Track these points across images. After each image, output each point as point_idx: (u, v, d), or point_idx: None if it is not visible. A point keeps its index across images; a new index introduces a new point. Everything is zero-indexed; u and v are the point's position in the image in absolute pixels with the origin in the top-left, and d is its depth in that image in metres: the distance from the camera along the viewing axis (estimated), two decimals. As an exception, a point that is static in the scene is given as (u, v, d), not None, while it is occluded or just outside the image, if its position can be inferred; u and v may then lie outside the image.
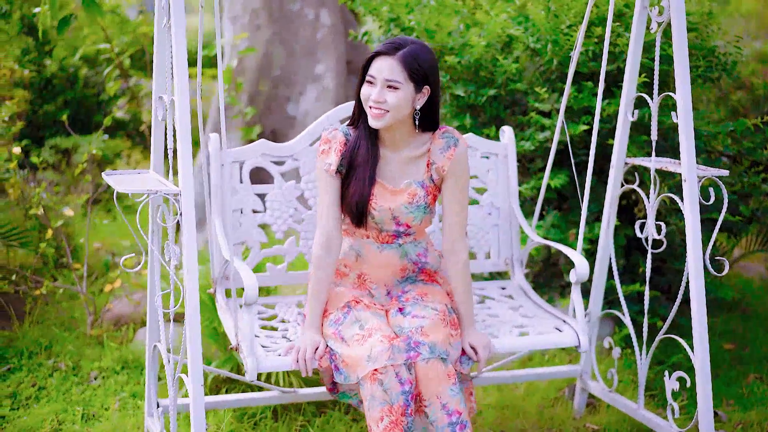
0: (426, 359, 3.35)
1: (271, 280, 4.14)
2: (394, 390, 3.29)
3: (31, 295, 5.41)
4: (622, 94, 4.06)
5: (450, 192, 3.65)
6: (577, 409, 4.47)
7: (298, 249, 4.13)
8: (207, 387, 4.44)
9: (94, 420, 4.32)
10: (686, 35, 3.67)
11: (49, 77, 8.03)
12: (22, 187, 5.63)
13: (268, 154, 4.07)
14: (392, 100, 3.48)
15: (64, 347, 5.02)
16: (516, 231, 4.33)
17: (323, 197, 3.64)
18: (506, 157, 4.32)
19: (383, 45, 3.51)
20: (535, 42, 4.75)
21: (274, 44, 6.79)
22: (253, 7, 6.80)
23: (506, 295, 4.31)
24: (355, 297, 3.63)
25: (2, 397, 4.53)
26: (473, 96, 4.86)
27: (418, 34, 4.91)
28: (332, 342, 3.50)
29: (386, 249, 3.69)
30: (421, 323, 3.46)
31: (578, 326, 3.85)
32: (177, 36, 3.26)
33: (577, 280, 3.86)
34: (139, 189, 3.28)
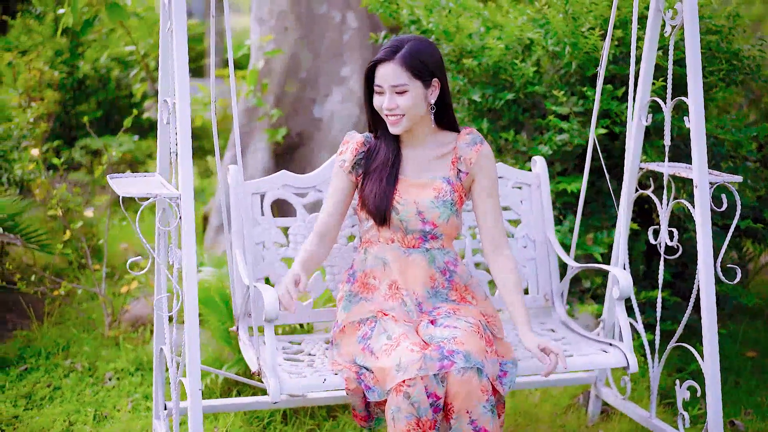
0: (461, 369, 3.17)
1: (296, 318, 3.96)
2: (423, 404, 3.14)
3: (50, 296, 5.45)
4: (636, 98, 4.01)
5: (482, 192, 3.60)
6: (591, 416, 4.42)
7: (325, 284, 3.97)
8: (218, 389, 4.44)
9: (105, 421, 4.34)
10: (699, 39, 3.62)
11: (82, 78, 8.11)
12: (48, 187, 5.67)
13: (290, 186, 3.94)
14: (404, 103, 3.45)
15: (81, 348, 5.06)
16: (554, 264, 4.19)
17: (330, 191, 3.64)
18: (539, 187, 4.21)
19: (381, 51, 3.46)
20: (554, 45, 4.70)
21: (301, 46, 6.79)
22: (280, 10, 6.80)
23: (547, 328, 4.12)
24: (382, 309, 3.49)
25: (18, 396, 4.57)
26: (491, 100, 4.82)
27: (437, 37, 4.88)
28: (361, 358, 3.38)
29: (413, 253, 3.56)
30: (454, 333, 3.29)
31: (625, 346, 3.69)
32: (178, 39, 3.26)
33: (620, 295, 3.71)
34: (138, 193, 3.29)
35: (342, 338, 3.53)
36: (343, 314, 3.59)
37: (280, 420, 4.29)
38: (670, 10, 3.72)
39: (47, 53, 7.76)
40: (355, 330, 3.49)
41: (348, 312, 3.57)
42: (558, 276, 4.20)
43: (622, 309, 3.75)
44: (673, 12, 3.71)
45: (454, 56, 4.90)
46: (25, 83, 6.52)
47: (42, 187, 5.61)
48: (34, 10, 8.31)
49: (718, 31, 4.67)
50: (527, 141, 4.85)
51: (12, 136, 5.89)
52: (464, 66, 4.84)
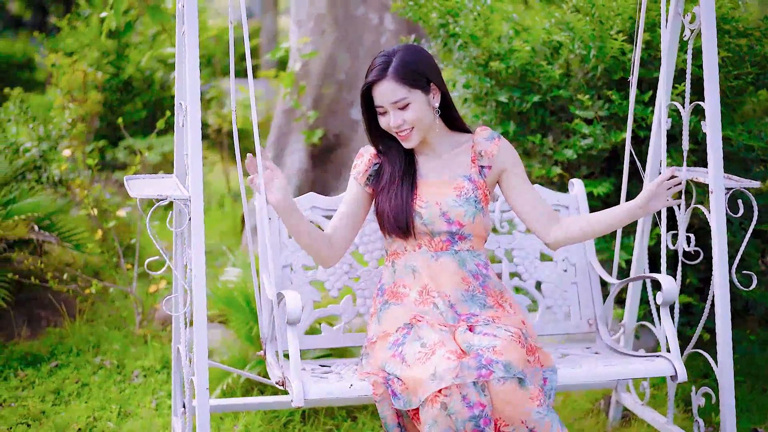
0: (500, 379, 3.02)
1: (326, 342, 3.89)
2: (461, 416, 2.96)
3: (82, 294, 5.55)
4: (656, 102, 3.99)
5: (515, 183, 3.55)
6: (612, 421, 4.40)
7: (356, 309, 3.90)
8: (239, 388, 4.49)
9: (128, 418, 4.42)
10: (716, 42, 3.60)
11: (127, 80, 8.24)
12: (87, 187, 5.77)
13: (318, 207, 3.90)
14: (411, 116, 3.40)
15: (111, 346, 5.15)
16: (597, 287, 4.10)
17: (342, 203, 3.59)
18: (578, 209, 4.16)
19: (372, 72, 3.40)
20: (579, 48, 4.68)
21: (339, 48, 6.84)
22: (318, 12, 6.86)
23: (593, 352, 3.96)
24: (416, 315, 3.37)
25: (46, 392, 4.66)
26: (518, 102, 4.82)
27: (464, 40, 4.89)
28: (391, 365, 3.22)
29: (441, 256, 3.46)
30: (493, 342, 3.13)
31: (672, 355, 3.59)
32: (190, 42, 3.31)
33: (664, 301, 3.64)
34: (148, 194, 3.34)
35: (372, 349, 3.41)
36: (377, 326, 3.48)
37: (299, 419, 4.33)
38: (689, 14, 3.70)
39: (93, 55, 7.89)
40: (386, 337, 3.36)
41: (380, 323, 3.46)
42: (601, 299, 4.11)
43: (667, 316, 3.67)
44: (692, 16, 3.69)
45: (482, 59, 4.90)
46: (68, 84, 6.63)
47: (81, 187, 5.71)
48: (82, 12, 8.46)
49: (749, 33, 4.62)
50: (553, 144, 4.84)
51: (51, 136, 6.00)
52: (491, 69, 4.84)
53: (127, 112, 8.18)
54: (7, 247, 5.41)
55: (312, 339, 3.87)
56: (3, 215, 5.30)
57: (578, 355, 3.86)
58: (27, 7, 22.20)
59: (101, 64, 8.00)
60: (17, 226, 5.23)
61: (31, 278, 5.38)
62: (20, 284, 5.52)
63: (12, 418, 4.36)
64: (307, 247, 3.48)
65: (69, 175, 5.86)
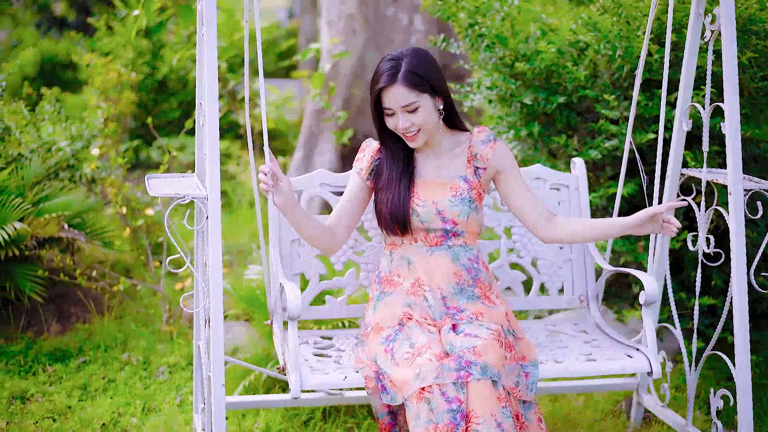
0: (477, 379, 3.24)
1: (330, 313, 4.07)
2: (440, 408, 3.19)
3: (110, 291, 5.62)
4: (677, 103, 3.98)
5: (510, 184, 3.68)
6: (634, 423, 4.39)
7: (359, 281, 4.07)
8: (260, 386, 4.53)
9: (152, 413, 4.47)
10: (736, 44, 3.59)
11: (162, 79, 8.31)
12: (119, 186, 5.84)
13: (327, 184, 4.04)
14: (419, 119, 3.51)
15: (138, 342, 5.21)
16: (591, 265, 4.22)
17: (344, 195, 3.74)
18: (578, 189, 4.25)
19: (382, 77, 3.48)
20: (606, 48, 4.67)
21: (369, 49, 6.87)
22: (348, 13, 6.89)
23: (580, 330, 4.18)
24: (407, 313, 3.56)
25: (74, 387, 4.73)
26: (543, 104, 4.82)
27: (490, 41, 4.89)
28: (382, 360, 3.43)
29: (436, 251, 3.63)
30: (473, 342, 3.34)
31: (650, 352, 3.72)
32: (208, 43, 3.35)
33: (646, 300, 3.73)
34: (166, 193, 3.39)
35: (367, 338, 3.60)
36: (372, 315, 3.66)
37: (320, 417, 4.36)
38: (710, 15, 3.69)
39: (128, 55, 7.96)
40: (380, 331, 3.55)
41: (375, 312, 3.64)
42: (594, 278, 4.22)
43: (647, 314, 3.76)
44: (712, 17, 3.68)
45: (509, 60, 4.90)
46: (102, 84, 6.71)
47: (113, 186, 5.78)
48: (118, 13, 8.55)
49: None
50: (578, 145, 4.84)
51: (83, 135, 6.08)
52: (517, 70, 4.84)
53: (162, 112, 8.25)
54: (37, 245, 5.49)
55: (317, 309, 4.05)
56: (34, 213, 5.39)
57: (566, 335, 4.10)
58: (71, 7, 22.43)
59: (136, 64, 8.07)
60: (48, 224, 5.31)
61: (60, 275, 5.46)
62: (51, 281, 5.61)
63: (39, 413, 4.43)
64: (310, 239, 3.66)
65: (101, 174, 5.93)
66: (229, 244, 6.74)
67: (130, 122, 7.78)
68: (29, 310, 5.46)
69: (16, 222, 5.16)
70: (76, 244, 5.86)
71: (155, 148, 8.02)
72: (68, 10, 22.69)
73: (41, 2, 22.69)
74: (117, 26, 8.42)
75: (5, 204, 5.25)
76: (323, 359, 3.75)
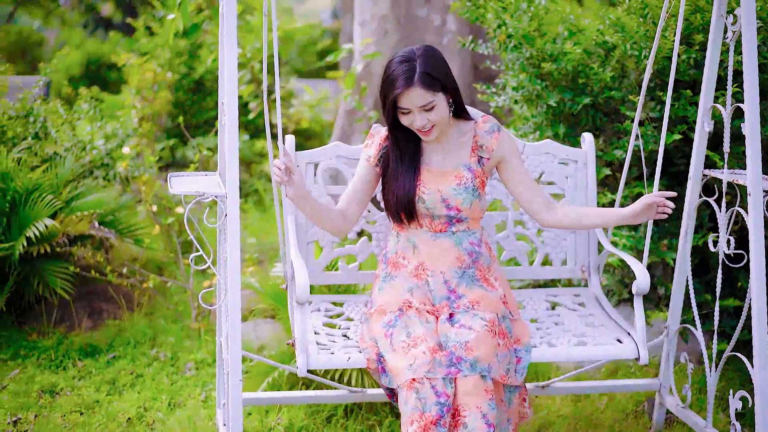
0: (466, 375, 3.40)
1: (343, 278, 4.25)
2: (429, 401, 3.34)
3: (140, 288, 5.70)
4: (699, 104, 3.97)
5: (513, 173, 3.80)
6: (656, 424, 4.38)
7: (370, 248, 4.23)
8: (284, 382, 4.58)
9: (177, 408, 4.53)
10: (756, 44, 3.58)
11: (199, 79, 8.39)
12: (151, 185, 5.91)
13: (343, 156, 4.16)
14: (435, 116, 3.61)
15: (167, 339, 5.28)
16: (594, 239, 4.31)
17: (353, 179, 3.86)
18: (585, 164, 4.32)
19: (399, 81, 3.54)
20: (631, 49, 4.67)
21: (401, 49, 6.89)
22: (381, 13, 6.92)
23: (579, 302, 4.29)
24: (407, 300, 3.68)
25: (102, 382, 4.81)
26: (569, 105, 4.82)
27: (518, 41, 4.90)
28: (382, 343, 3.58)
29: (440, 237, 3.76)
30: (467, 337, 3.49)
31: (638, 337, 3.79)
32: (228, 44, 3.40)
33: (638, 291, 3.80)
34: (186, 191, 3.45)
35: (371, 317, 3.73)
36: (378, 295, 3.80)
37: (342, 414, 4.39)
38: (731, 15, 3.69)
39: (165, 55, 8.05)
40: (382, 314, 3.67)
41: (381, 293, 3.78)
42: (596, 251, 4.31)
43: (639, 304, 3.82)
44: (734, 18, 3.68)
45: (536, 60, 4.91)
46: (138, 84, 6.80)
47: (147, 185, 5.86)
48: (157, 13, 8.65)
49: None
50: (604, 146, 4.84)
51: (117, 134, 6.17)
52: (544, 70, 4.85)
53: (198, 111, 8.33)
54: (68, 242, 5.58)
55: (331, 275, 4.23)
56: (66, 211, 5.48)
57: (565, 308, 4.22)
58: (117, 8, 22.69)
59: (173, 64, 8.16)
60: (80, 221, 5.40)
61: (92, 272, 5.55)
62: (83, 278, 5.70)
63: (67, 407, 4.51)
64: (321, 225, 3.80)
65: (134, 173, 6.01)
66: (261, 243, 6.80)
67: (167, 122, 7.87)
68: (61, 306, 5.55)
69: (47, 219, 5.25)
70: (108, 242, 5.95)
71: (191, 148, 8.09)
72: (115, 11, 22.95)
73: (88, 3, 22.93)
74: (155, 26, 8.51)
75: (37, 201, 5.34)
76: (332, 332, 3.90)
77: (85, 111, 6.49)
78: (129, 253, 6.26)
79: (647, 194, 3.69)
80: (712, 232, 4.67)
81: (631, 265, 3.88)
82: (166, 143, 7.61)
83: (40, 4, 21.98)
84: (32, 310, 5.56)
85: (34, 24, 22.08)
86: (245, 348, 4.84)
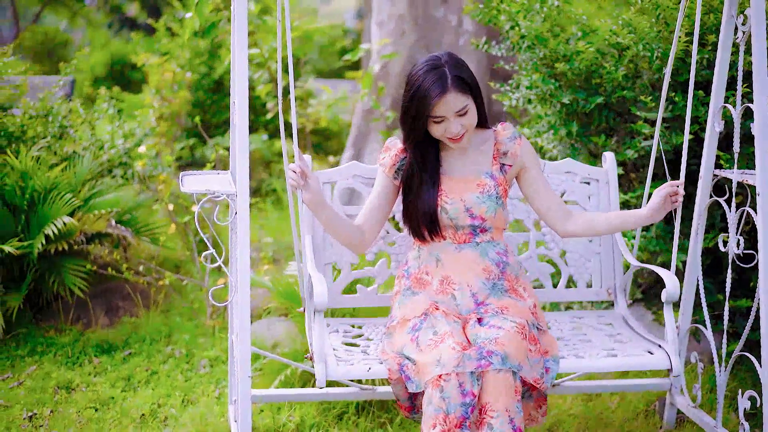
0: (497, 369, 3.30)
1: (361, 301, 4.17)
2: (454, 400, 3.25)
3: (155, 286, 5.76)
4: (710, 104, 3.98)
5: (533, 181, 3.76)
6: (667, 423, 4.39)
7: (389, 271, 4.15)
8: (297, 380, 4.61)
9: (190, 405, 4.57)
10: (765, 44, 3.58)
11: (218, 79, 8.43)
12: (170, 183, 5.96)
13: (360, 176, 4.12)
14: (468, 121, 3.58)
15: (182, 336, 5.33)
16: (619, 258, 4.25)
17: (371, 194, 3.80)
18: (608, 183, 4.28)
19: (433, 88, 3.49)
20: (644, 50, 4.67)
21: (418, 49, 6.92)
22: (398, 14, 6.95)
23: (605, 323, 4.19)
24: (433, 303, 3.62)
25: (118, 379, 4.86)
26: (581, 104, 4.83)
27: (531, 42, 4.91)
28: (407, 349, 3.49)
29: (465, 248, 3.69)
30: (496, 334, 3.40)
31: (670, 348, 3.72)
32: (239, 44, 3.43)
33: (667, 299, 3.73)
34: (196, 189, 3.49)
35: (395, 330, 3.65)
36: (398, 309, 3.72)
37: (353, 412, 4.42)
38: (742, 16, 3.70)
39: (185, 55, 8.10)
40: (405, 323, 3.61)
41: (402, 306, 3.70)
42: (622, 271, 4.26)
43: (670, 313, 3.76)
44: (744, 18, 3.68)
45: (549, 60, 4.93)
46: (157, 83, 6.85)
47: (166, 184, 5.91)
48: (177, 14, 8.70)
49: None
50: (616, 145, 4.85)
51: (135, 134, 6.22)
52: (557, 70, 4.86)
53: (218, 111, 8.38)
54: (86, 240, 5.64)
55: (349, 298, 4.15)
56: (84, 209, 5.53)
57: (591, 328, 4.11)
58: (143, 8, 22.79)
59: (193, 64, 8.21)
60: (97, 220, 5.46)
61: (108, 270, 5.61)
62: (101, 276, 5.76)
63: (82, 402, 4.56)
64: (339, 237, 3.73)
65: (152, 172, 6.07)
66: (277, 242, 6.84)
67: (187, 121, 7.91)
68: (78, 303, 5.61)
69: (65, 217, 5.31)
70: (125, 240, 6.01)
71: (210, 147, 8.15)
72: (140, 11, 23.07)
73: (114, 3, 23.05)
74: (176, 27, 8.57)
75: (56, 199, 5.39)
76: (351, 349, 3.82)
77: (104, 110, 6.55)
78: (146, 252, 6.32)
79: (658, 188, 3.68)
80: (724, 232, 4.66)
81: (662, 275, 3.78)
82: (185, 143, 7.66)
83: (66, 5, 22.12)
84: (50, 308, 5.62)
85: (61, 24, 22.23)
86: (259, 346, 4.88)
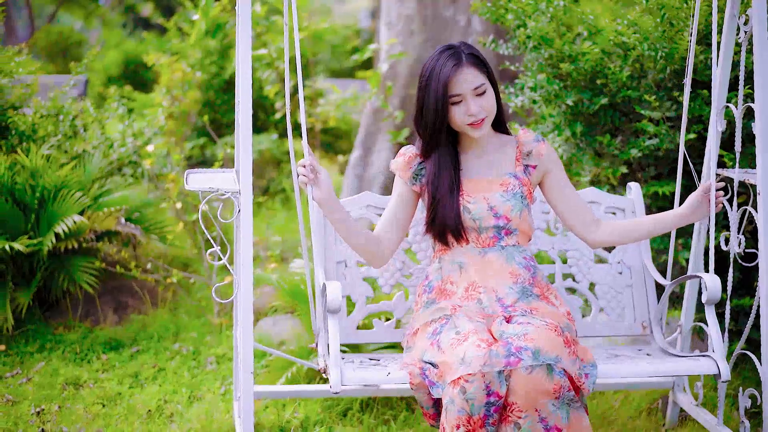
0: (528, 367, 3.04)
1: (378, 337, 3.98)
2: (478, 401, 3.03)
3: (164, 284, 5.80)
4: (712, 104, 3.99)
5: (559, 186, 3.65)
6: (670, 422, 4.41)
7: (407, 304, 3.98)
8: (302, 377, 4.64)
9: (196, 402, 4.61)
10: (767, 44, 3.59)
11: (228, 79, 8.48)
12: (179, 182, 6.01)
13: (373, 206, 4.01)
14: (488, 103, 3.47)
15: (189, 334, 5.38)
16: (652, 290, 4.11)
17: (389, 204, 3.69)
18: (634, 212, 4.18)
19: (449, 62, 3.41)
20: (648, 49, 4.69)
21: (427, 49, 6.94)
22: (407, 14, 6.98)
23: (645, 354, 3.93)
24: (455, 305, 3.44)
25: (125, 375, 4.91)
26: (586, 105, 4.85)
27: (536, 42, 4.93)
28: (429, 354, 3.28)
29: (489, 252, 3.54)
30: (525, 329, 3.17)
31: (717, 355, 3.56)
32: (243, 43, 3.47)
33: (708, 299, 3.62)
34: (201, 187, 3.52)
35: (414, 340, 3.48)
36: (418, 317, 3.55)
37: (358, 408, 4.45)
38: (743, 16, 3.72)
39: (195, 55, 8.14)
40: (426, 327, 3.43)
41: (422, 314, 3.53)
42: (655, 301, 4.12)
43: (712, 314, 3.66)
44: (746, 18, 3.70)
45: (554, 60, 4.94)
46: (167, 83, 6.90)
47: (175, 182, 5.96)
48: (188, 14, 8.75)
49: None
50: (621, 145, 4.86)
51: (144, 133, 6.27)
52: (561, 70, 4.88)
53: (228, 110, 8.42)
54: (95, 238, 5.69)
55: (365, 334, 3.97)
56: (94, 207, 5.59)
57: (628, 357, 3.83)
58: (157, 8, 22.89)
59: (204, 64, 8.25)
60: (107, 218, 5.51)
61: (117, 267, 5.66)
62: (109, 273, 5.81)
63: (89, 399, 4.61)
64: (356, 247, 3.60)
65: (162, 170, 6.11)
66: (285, 241, 6.87)
67: (197, 120, 7.96)
68: (87, 300, 5.66)
69: (75, 215, 5.35)
70: (135, 238, 6.06)
71: (220, 146, 8.20)
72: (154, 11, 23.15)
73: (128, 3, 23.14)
74: (186, 27, 8.62)
75: (66, 198, 5.44)
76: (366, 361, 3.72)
77: (114, 110, 6.60)
78: (155, 250, 6.37)
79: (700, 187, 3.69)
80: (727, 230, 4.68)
81: (702, 276, 3.65)
82: (196, 142, 7.71)
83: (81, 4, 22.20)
84: (59, 305, 5.67)
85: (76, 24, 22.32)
86: (265, 343, 4.91)
